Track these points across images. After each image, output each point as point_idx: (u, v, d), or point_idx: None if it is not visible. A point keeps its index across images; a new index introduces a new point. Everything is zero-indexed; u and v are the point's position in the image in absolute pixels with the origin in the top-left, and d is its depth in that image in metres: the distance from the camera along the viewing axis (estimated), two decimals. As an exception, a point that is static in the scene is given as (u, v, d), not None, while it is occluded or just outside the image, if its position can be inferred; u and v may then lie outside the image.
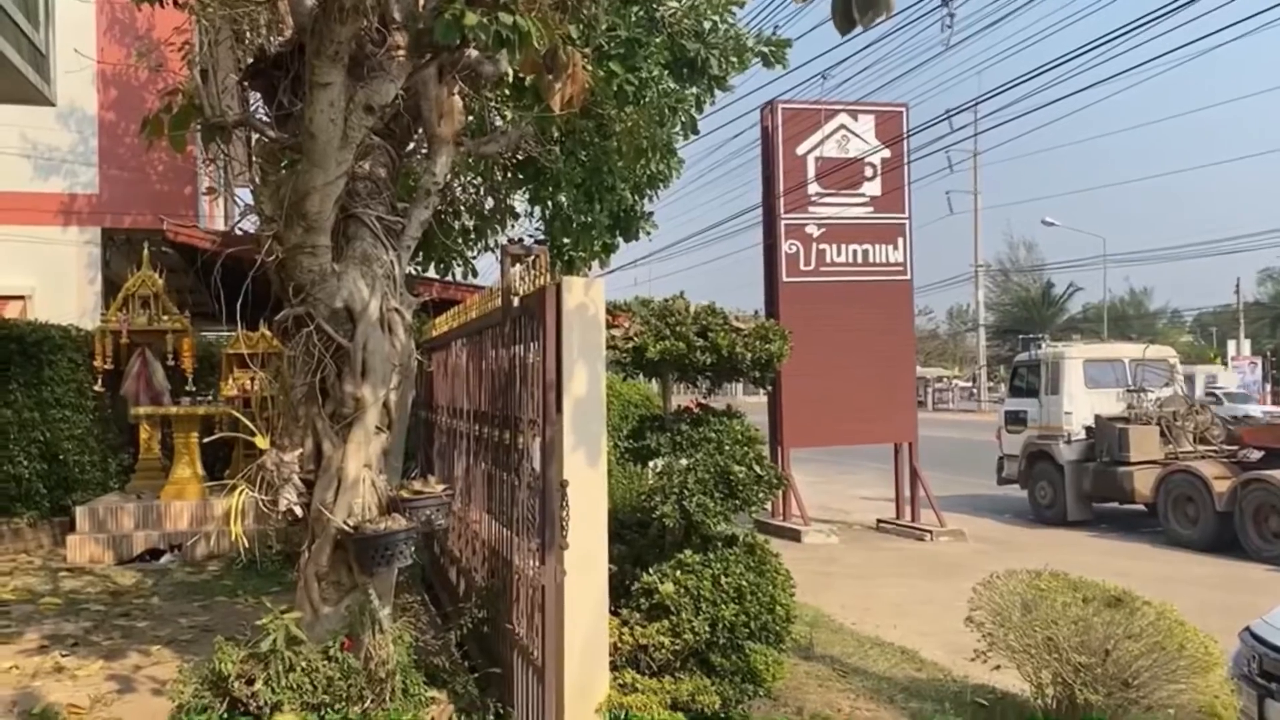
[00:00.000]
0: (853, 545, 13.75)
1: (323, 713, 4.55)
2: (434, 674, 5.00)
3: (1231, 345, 34.12)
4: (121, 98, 14.75)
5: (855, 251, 14.25)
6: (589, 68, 6.03)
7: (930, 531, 13.98)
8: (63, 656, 6.58)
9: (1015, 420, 17.12)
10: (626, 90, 9.38)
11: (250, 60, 6.19)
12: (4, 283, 13.78)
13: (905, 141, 14.64)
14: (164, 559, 10.14)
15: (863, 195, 14.48)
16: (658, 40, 9.69)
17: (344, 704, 4.60)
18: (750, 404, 7.77)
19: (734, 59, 10.58)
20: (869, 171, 14.46)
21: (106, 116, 14.68)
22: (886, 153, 14.40)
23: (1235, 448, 13.79)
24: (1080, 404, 15.56)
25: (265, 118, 5.92)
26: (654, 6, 9.60)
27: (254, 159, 8.23)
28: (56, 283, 14.11)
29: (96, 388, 11.59)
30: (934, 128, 19.97)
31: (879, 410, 14.44)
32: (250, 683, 4.67)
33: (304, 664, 4.72)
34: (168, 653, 6.58)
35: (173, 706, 4.98)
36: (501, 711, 4.93)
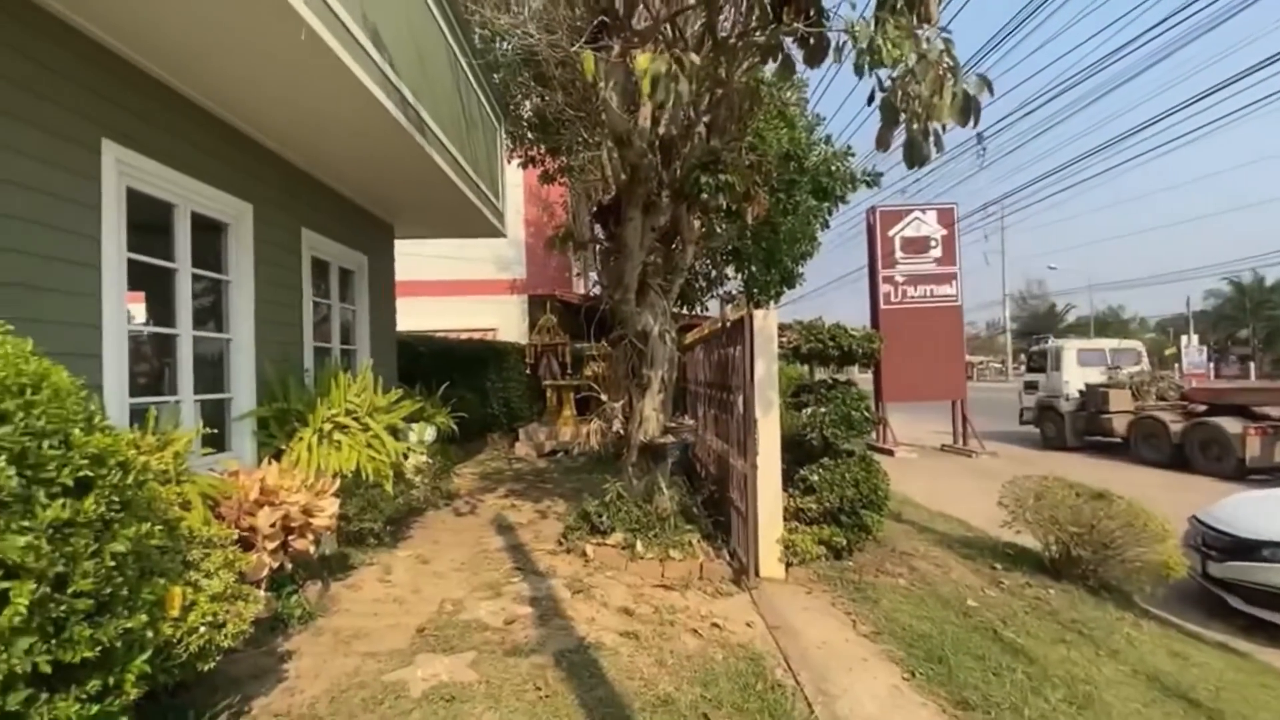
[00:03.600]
0: (925, 459, 12.69)
1: (636, 532, 4.79)
2: (690, 518, 5.16)
3: (1184, 339, 29.59)
4: (534, 229, 15.97)
5: (925, 290, 13.40)
6: (767, 197, 5.94)
7: (974, 452, 12.74)
8: (516, 499, 7.20)
9: (1031, 387, 15.39)
10: (788, 208, 9.17)
11: (594, 208, 6.60)
12: (485, 323, 15.26)
13: (956, 224, 13.58)
14: (558, 455, 10.67)
15: (929, 257, 13.61)
16: (804, 179, 9.42)
17: (645, 529, 4.82)
18: (860, 377, 7.39)
19: (849, 185, 10.09)
20: (932, 243, 13.55)
21: (528, 240, 15.91)
22: (944, 231, 13.40)
23: (1185, 403, 11.80)
24: (1074, 377, 13.73)
25: (601, 237, 6.30)
26: (802, 162, 9.31)
27: (596, 257, 8.76)
28: (507, 322, 15.44)
29: (526, 372, 12.66)
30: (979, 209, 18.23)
31: (941, 379, 13.55)
32: (600, 516, 4.99)
33: (626, 508, 4.98)
34: (560, 500, 6.99)
35: (564, 526, 5.42)
36: (725, 538, 5.02)
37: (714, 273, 12.25)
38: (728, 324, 5.22)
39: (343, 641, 3.46)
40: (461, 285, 15.24)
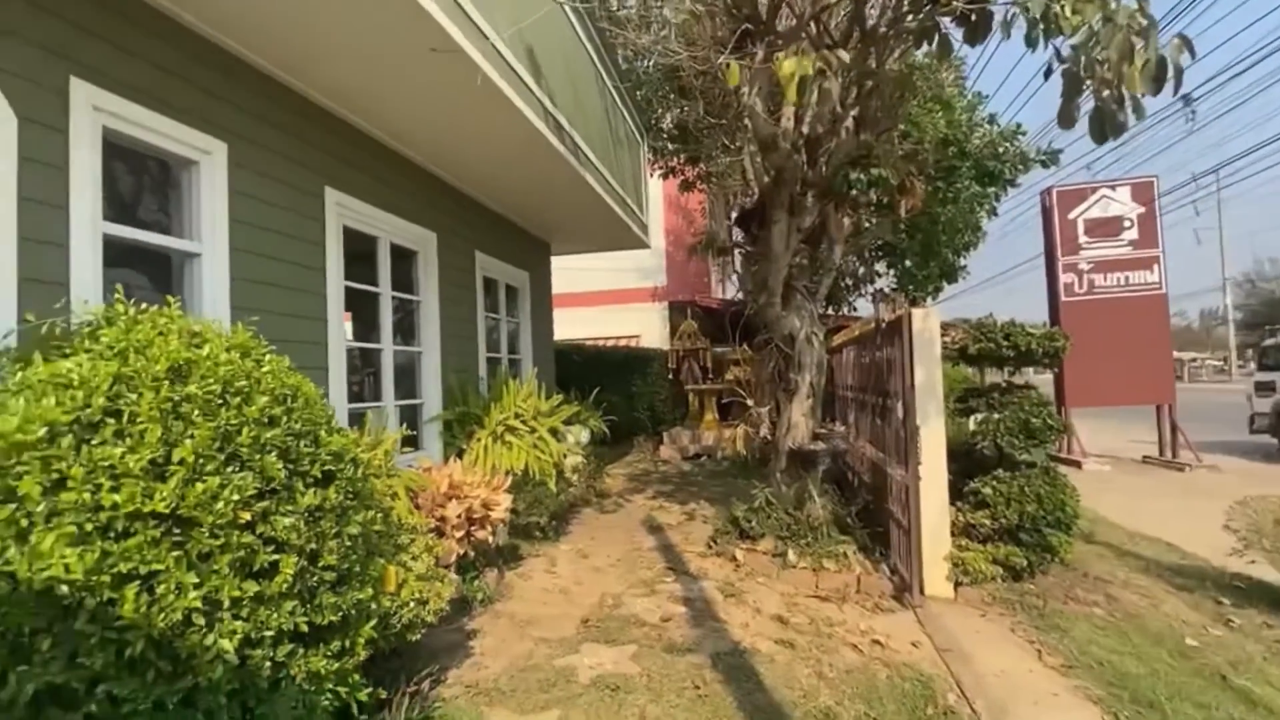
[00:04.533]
0: (1122, 473, 10.89)
1: (786, 540, 4.69)
2: (844, 528, 4.94)
3: None
4: (674, 237, 16.21)
5: (1119, 277, 11.38)
6: (923, 188, 5.54)
7: (1187, 465, 10.59)
8: (663, 500, 7.35)
9: (1266, 388, 12.54)
10: (947, 196, 8.45)
11: (736, 213, 6.58)
12: (629, 330, 15.75)
13: (1156, 201, 11.44)
14: (701, 459, 10.72)
15: (1122, 240, 11.55)
16: (966, 164, 8.61)
17: (796, 537, 4.70)
18: (1038, 380, 6.49)
19: (1020, 167, 9.05)
20: (1126, 223, 11.53)
21: (668, 248, 16.19)
22: (1141, 209, 11.40)
23: None
24: None
25: (742, 241, 6.25)
26: (963, 146, 8.53)
27: (738, 262, 8.72)
28: (649, 329, 15.80)
29: (669, 377, 12.87)
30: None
31: (1141, 380, 11.42)
32: (749, 521, 4.95)
33: (775, 515, 4.89)
34: (706, 504, 7.03)
35: (713, 530, 5.44)
36: (883, 552, 4.75)
37: (863, 270, 11.61)
38: (882, 324, 4.95)
39: (518, 625, 3.77)
40: (606, 295, 15.88)
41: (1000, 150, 8.85)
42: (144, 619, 1.65)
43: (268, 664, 1.88)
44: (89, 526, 1.65)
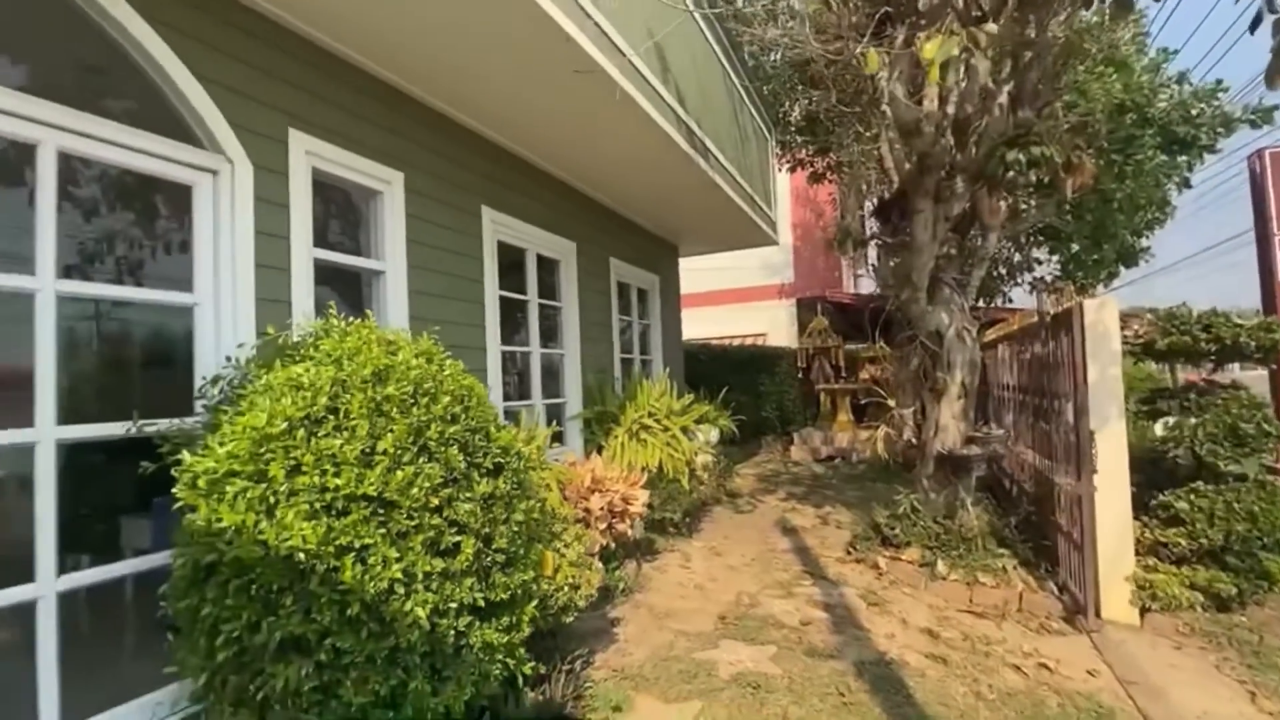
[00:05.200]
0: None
1: (934, 549, 4.42)
2: (1002, 540, 4.56)
3: None
4: (801, 232, 15.75)
5: (1364, 254, 9.32)
6: (1093, 163, 4.95)
7: None
8: (796, 502, 7.24)
9: None
10: (1125, 170, 7.44)
11: (874, 204, 6.27)
12: (755, 328, 15.55)
13: None
14: (835, 461, 10.38)
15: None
16: (1148, 131, 7.50)
17: (946, 547, 4.42)
18: (1247, 377, 5.43)
19: (1220, 130, 7.73)
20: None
21: (795, 243, 15.76)
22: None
23: None
24: None
25: (879, 232, 5.94)
26: (1144, 111, 7.46)
27: (875, 255, 8.29)
28: (776, 326, 15.47)
29: (798, 376, 12.54)
30: None
31: None
32: (892, 529, 4.73)
33: (922, 523, 4.64)
34: (842, 508, 6.82)
35: (851, 535, 5.26)
36: (1049, 569, 4.32)
37: (1019, 258, 10.51)
38: (1046, 317, 4.50)
39: (657, 617, 3.91)
40: (732, 294, 15.77)
41: (1193, 113, 7.61)
42: (359, 585, 1.95)
43: (452, 632, 2.13)
44: (318, 505, 1.98)
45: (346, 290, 3.54)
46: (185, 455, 2.02)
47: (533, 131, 4.41)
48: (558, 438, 4.92)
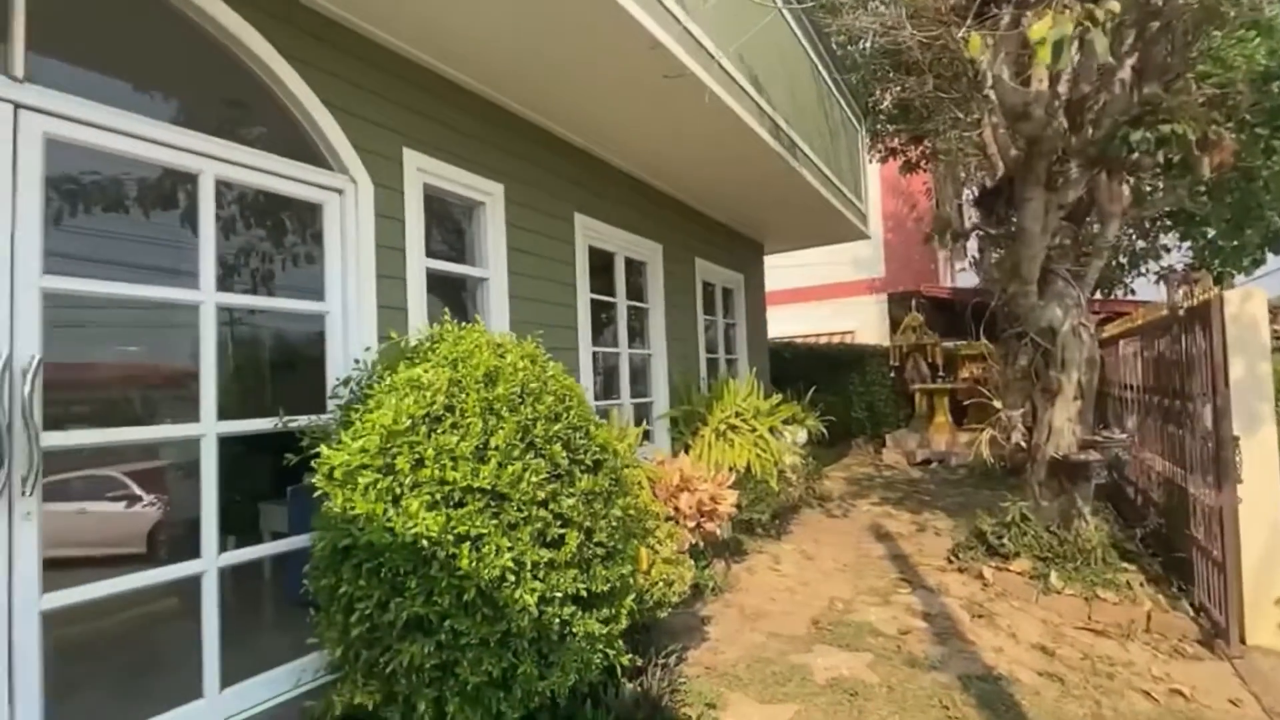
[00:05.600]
0: None
1: (1047, 561, 4.15)
2: (1124, 555, 4.21)
3: None
4: (893, 224, 15.11)
5: None
6: (1233, 139, 4.46)
7: None
8: (890, 507, 6.97)
9: None
10: (1273, 145, 6.62)
11: (976, 193, 5.94)
12: (844, 325, 15.10)
13: None
14: (932, 465, 9.94)
15: None
16: (1304, 99, 6.62)
17: (1061, 559, 4.14)
18: None
19: (1398, 91, 6.69)
20: None
21: (886, 235, 15.15)
22: None
23: None
24: None
25: (982, 223, 5.61)
26: (1300, 77, 6.60)
27: (982, 247, 7.83)
28: (865, 323, 14.96)
29: (890, 375, 12.04)
30: None
31: None
32: (999, 538, 4.49)
33: (1033, 532, 4.38)
34: (941, 514, 6.53)
35: (952, 543, 5.02)
36: (1183, 587, 3.94)
37: (1142, 245, 9.59)
38: (1179, 310, 4.10)
39: (748, 618, 3.91)
40: (819, 290, 15.37)
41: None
42: (474, 571, 2.10)
43: (557, 620, 2.25)
44: (438, 496, 2.15)
45: (452, 296, 3.78)
46: (323, 449, 2.25)
47: (621, 138, 4.52)
48: (646, 436, 5.01)
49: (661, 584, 2.89)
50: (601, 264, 4.84)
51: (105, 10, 2.33)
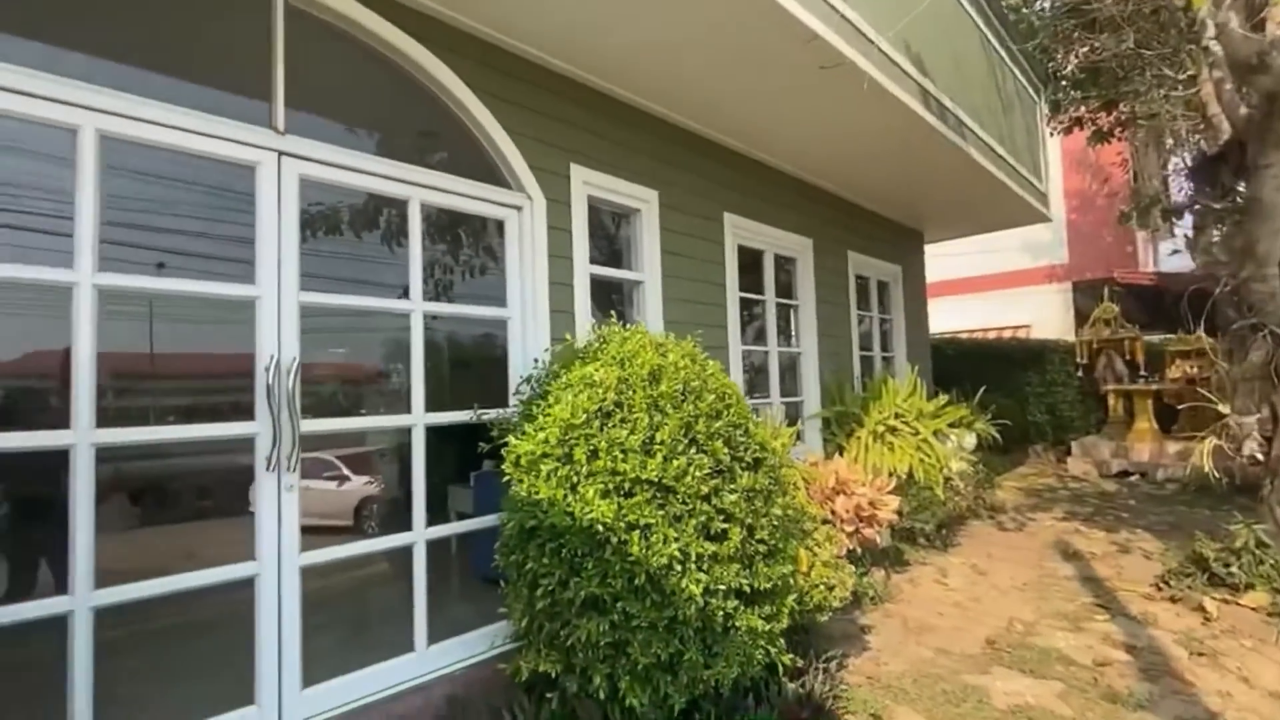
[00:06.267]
0: None
1: (1296, 598, 3.48)
2: None
3: None
4: (1077, 203, 13.40)
5: None
6: None
7: None
8: (1079, 523, 6.23)
9: None
10: None
11: (1189, 161, 5.10)
12: (1016, 319, 13.68)
13: None
14: (1130, 477, 8.70)
15: None
16: None
17: (1318, 597, 3.45)
18: None
19: None
20: None
21: (1069, 215, 13.47)
22: None
23: None
24: None
25: (1198, 196, 4.80)
26: None
27: (1199, 224, 6.70)
28: (1043, 315, 13.44)
29: (1076, 374, 10.68)
30: None
31: None
32: (1226, 565, 3.86)
33: (1271, 561, 3.71)
34: (1145, 534, 5.71)
35: (1162, 568, 4.40)
36: None
37: None
38: None
39: (911, 631, 3.72)
40: (986, 280, 14.04)
41: None
42: (643, 558, 2.24)
43: (720, 613, 2.33)
44: (610, 485, 2.32)
45: (610, 299, 4.01)
46: (511, 439, 2.53)
47: (771, 135, 4.50)
48: (797, 437, 4.94)
49: (822, 587, 2.86)
50: (750, 262, 4.85)
51: (334, 65, 2.79)
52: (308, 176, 2.50)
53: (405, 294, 2.79)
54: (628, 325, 2.83)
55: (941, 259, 11.50)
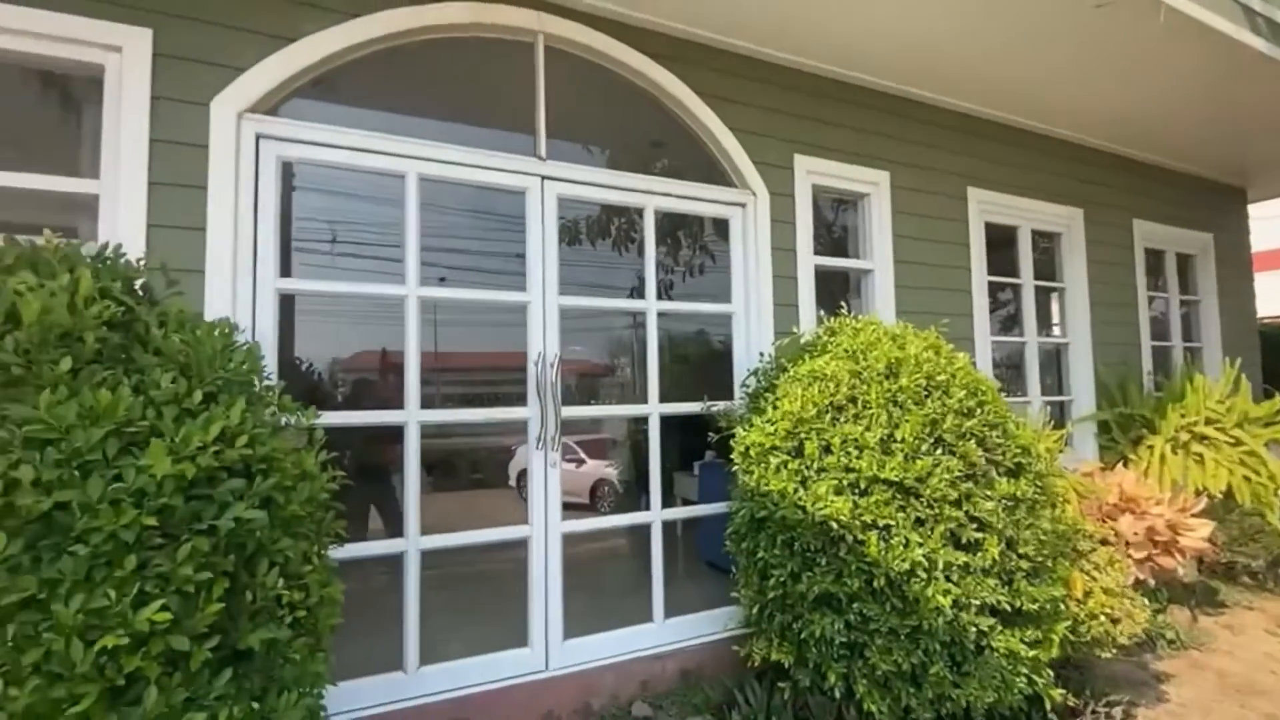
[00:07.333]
0: None
1: None
2: None
3: None
4: None
5: None
6: None
7: None
8: None
9: None
10: None
11: None
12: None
13: None
14: None
15: None
16: None
17: None
18: None
19: None
20: None
21: None
22: None
23: None
24: None
25: None
26: None
27: None
28: None
29: None
30: None
31: None
32: None
33: None
34: None
35: None
36: None
37: None
38: None
39: (1231, 688, 2.99)
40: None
41: None
42: (882, 560, 2.15)
43: (973, 629, 2.13)
44: (844, 482, 2.26)
45: (836, 290, 3.87)
46: (739, 430, 2.60)
47: (1027, 95, 3.93)
48: (1065, 442, 4.25)
49: (1103, 618, 2.44)
50: (1002, 239, 4.29)
51: (580, 92, 3.11)
52: (564, 195, 2.84)
53: (633, 294, 3.02)
54: (858, 317, 2.71)
55: (1274, 221, 8.88)
